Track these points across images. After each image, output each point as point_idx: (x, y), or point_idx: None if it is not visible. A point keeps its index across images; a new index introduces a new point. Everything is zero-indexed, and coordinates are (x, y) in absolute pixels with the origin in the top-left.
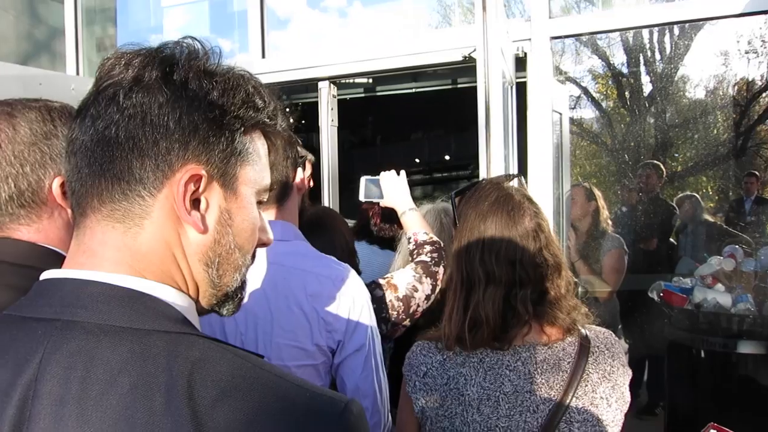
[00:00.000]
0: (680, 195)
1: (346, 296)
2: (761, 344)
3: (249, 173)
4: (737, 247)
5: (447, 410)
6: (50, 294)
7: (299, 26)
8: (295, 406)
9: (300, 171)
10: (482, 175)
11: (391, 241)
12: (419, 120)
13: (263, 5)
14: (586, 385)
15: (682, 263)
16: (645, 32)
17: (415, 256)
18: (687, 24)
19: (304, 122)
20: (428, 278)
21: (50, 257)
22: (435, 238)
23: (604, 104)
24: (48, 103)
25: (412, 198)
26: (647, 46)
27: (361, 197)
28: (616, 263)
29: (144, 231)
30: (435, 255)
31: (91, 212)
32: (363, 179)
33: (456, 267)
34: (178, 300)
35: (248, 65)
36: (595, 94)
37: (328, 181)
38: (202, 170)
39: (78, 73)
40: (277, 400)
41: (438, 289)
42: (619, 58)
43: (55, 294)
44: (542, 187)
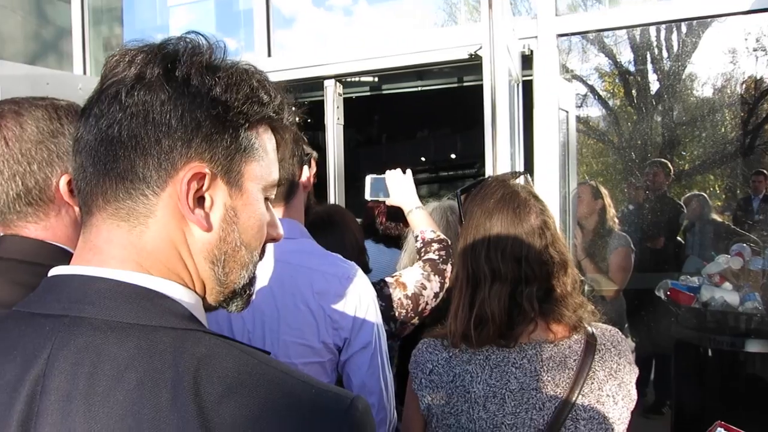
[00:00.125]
0: (688, 193)
1: (352, 294)
2: None
3: (255, 169)
4: (745, 245)
5: (453, 407)
6: (58, 290)
7: (305, 25)
8: (301, 402)
9: (306, 169)
10: (488, 173)
11: (396, 240)
12: (425, 118)
13: (269, 4)
14: (592, 383)
15: (689, 262)
16: (652, 30)
17: (423, 254)
18: (694, 21)
19: (309, 120)
20: (436, 276)
21: (58, 254)
22: (442, 236)
23: (610, 102)
24: (55, 102)
25: (418, 197)
26: (654, 44)
27: (367, 196)
28: (623, 261)
29: (149, 229)
30: (443, 253)
31: (97, 211)
32: (369, 178)
33: (462, 264)
34: (185, 296)
35: (254, 64)
36: (601, 92)
37: (334, 180)
38: (206, 168)
39: (85, 73)
40: (283, 397)
41: (446, 286)
42: (626, 56)
43: (62, 290)
44: (549, 185)
